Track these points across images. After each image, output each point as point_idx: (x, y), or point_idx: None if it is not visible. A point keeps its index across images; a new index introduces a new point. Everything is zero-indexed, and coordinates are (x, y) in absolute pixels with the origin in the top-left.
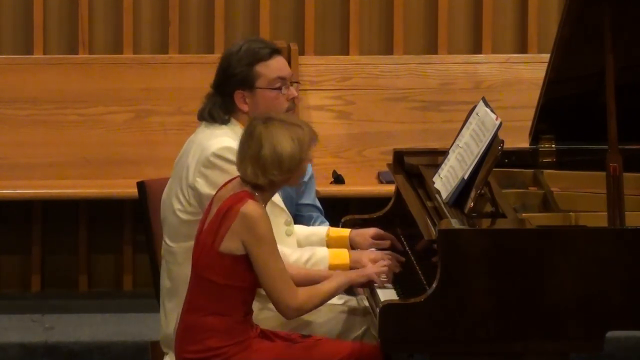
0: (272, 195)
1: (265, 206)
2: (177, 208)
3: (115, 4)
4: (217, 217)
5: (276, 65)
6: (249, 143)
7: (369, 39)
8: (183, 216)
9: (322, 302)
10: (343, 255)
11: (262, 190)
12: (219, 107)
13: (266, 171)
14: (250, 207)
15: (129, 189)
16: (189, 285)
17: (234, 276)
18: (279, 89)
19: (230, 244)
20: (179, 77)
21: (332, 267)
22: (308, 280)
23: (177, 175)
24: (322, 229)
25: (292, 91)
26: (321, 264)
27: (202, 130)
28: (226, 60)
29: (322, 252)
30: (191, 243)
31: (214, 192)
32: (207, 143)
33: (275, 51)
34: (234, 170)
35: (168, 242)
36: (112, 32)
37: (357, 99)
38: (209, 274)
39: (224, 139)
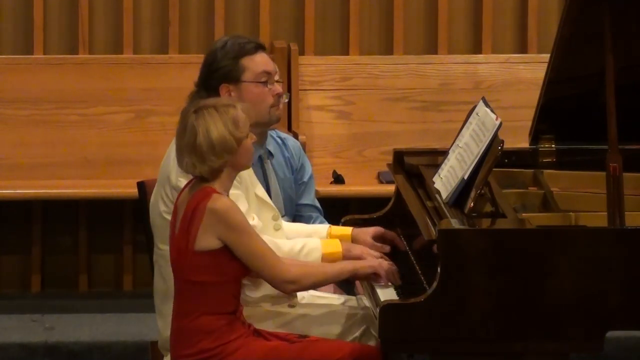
0: (231, 180)
1: (227, 194)
2: (163, 210)
3: (115, 4)
4: (186, 218)
5: (261, 60)
6: (183, 134)
7: (369, 39)
8: (170, 218)
9: (322, 282)
10: (335, 244)
11: (211, 180)
12: None
13: (204, 158)
14: (217, 201)
15: (129, 189)
16: (175, 294)
17: (215, 272)
18: (265, 83)
19: (205, 241)
20: (179, 77)
21: (325, 256)
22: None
23: (161, 178)
24: (323, 228)
25: (277, 87)
26: (314, 252)
27: None
28: (211, 56)
29: (315, 242)
30: None
31: None
32: None
33: (260, 46)
34: None
35: (159, 245)
36: (112, 32)
37: (357, 99)
38: (190, 275)
39: None
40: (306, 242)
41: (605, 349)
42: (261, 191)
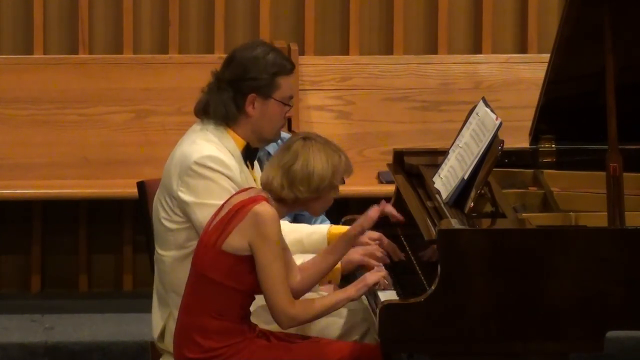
0: (289, 212)
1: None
2: (162, 216)
3: (115, 4)
4: (227, 216)
5: (292, 83)
6: (284, 154)
7: (369, 39)
8: (169, 224)
9: (318, 316)
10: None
11: (282, 203)
12: (231, 102)
13: (293, 185)
14: (263, 207)
15: (129, 189)
16: (186, 287)
17: (233, 277)
18: (288, 105)
19: (235, 242)
20: (179, 77)
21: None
22: (311, 271)
23: (164, 183)
24: (323, 227)
25: (291, 110)
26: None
27: (190, 134)
28: (251, 62)
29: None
30: (179, 252)
31: (196, 200)
32: (189, 152)
33: (294, 69)
34: (216, 178)
35: (158, 250)
36: (112, 32)
37: (357, 99)
38: (208, 271)
39: (206, 147)
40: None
41: (605, 349)
42: None
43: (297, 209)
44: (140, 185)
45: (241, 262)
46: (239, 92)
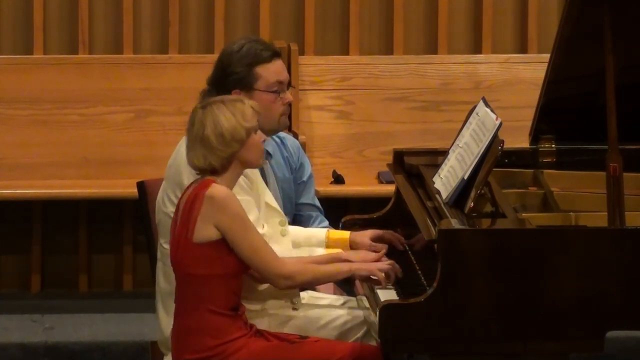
0: (236, 177)
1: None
2: (171, 211)
3: (115, 4)
4: (185, 210)
5: (275, 69)
6: (192, 129)
7: (369, 39)
8: None
9: (317, 280)
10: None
11: (220, 174)
12: None
13: (214, 149)
14: (214, 189)
15: (129, 189)
16: (175, 294)
17: (214, 264)
18: (277, 92)
19: (204, 231)
20: (179, 77)
21: None
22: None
23: (171, 178)
24: (321, 231)
25: (288, 96)
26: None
27: None
28: (226, 58)
29: (320, 252)
30: None
31: None
32: None
33: (275, 54)
34: None
35: (164, 244)
36: (112, 32)
37: (357, 99)
38: (191, 268)
39: None
40: (312, 252)
41: (605, 349)
42: (270, 197)
43: (239, 170)
44: (140, 185)
45: (217, 247)
46: (223, 91)
